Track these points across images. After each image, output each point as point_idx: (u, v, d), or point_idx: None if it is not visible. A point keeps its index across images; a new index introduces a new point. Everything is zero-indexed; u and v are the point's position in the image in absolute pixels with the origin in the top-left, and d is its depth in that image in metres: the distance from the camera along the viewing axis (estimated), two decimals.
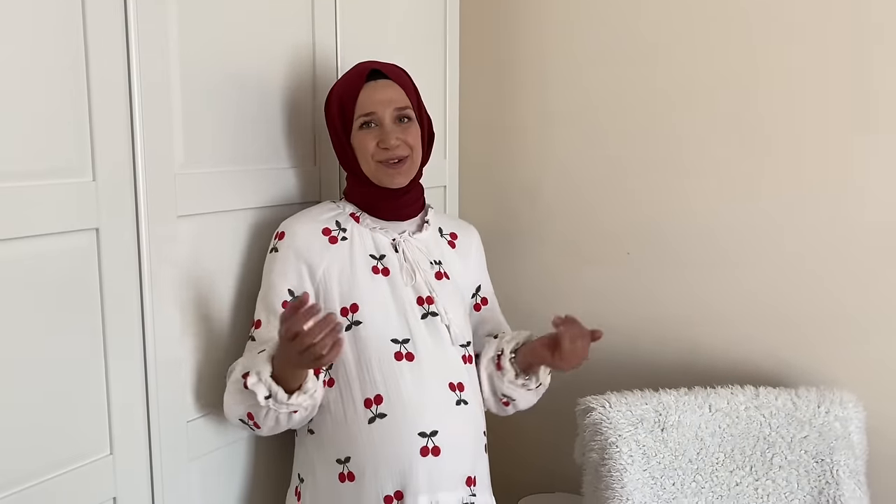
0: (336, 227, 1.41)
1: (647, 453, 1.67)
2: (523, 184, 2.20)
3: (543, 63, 2.13)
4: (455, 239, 1.54)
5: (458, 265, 1.52)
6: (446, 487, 1.35)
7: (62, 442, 1.15)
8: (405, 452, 1.33)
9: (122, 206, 1.20)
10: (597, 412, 1.69)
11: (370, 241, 1.42)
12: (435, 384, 1.37)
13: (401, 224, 1.45)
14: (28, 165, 1.07)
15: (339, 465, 1.35)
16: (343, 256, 1.38)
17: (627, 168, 2.06)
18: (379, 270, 1.40)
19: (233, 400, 1.29)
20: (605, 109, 2.07)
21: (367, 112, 1.39)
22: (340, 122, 1.41)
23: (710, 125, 1.95)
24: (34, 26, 1.06)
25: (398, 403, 1.33)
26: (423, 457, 1.33)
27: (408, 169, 1.41)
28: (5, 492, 1.07)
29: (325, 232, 1.39)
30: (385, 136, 1.38)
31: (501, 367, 1.48)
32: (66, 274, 1.13)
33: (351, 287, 1.37)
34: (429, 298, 1.41)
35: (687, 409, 1.70)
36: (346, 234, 1.40)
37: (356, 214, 1.43)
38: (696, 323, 2.01)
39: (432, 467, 1.34)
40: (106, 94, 1.16)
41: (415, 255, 1.44)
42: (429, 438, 1.34)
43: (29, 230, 1.07)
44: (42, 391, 1.12)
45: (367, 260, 1.40)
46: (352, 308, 1.36)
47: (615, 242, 2.09)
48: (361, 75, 1.40)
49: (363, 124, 1.39)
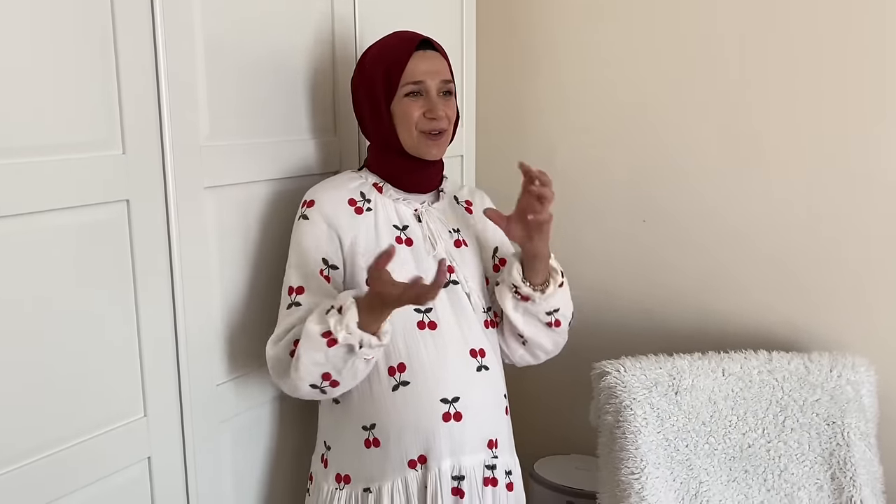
0: (361, 198, 1.42)
1: (661, 416, 1.71)
2: (539, 152, 2.21)
3: (560, 31, 2.13)
4: (471, 205, 1.56)
5: (478, 228, 1.54)
6: (469, 451, 1.38)
7: (99, 404, 1.20)
8: (428, 418, 1.36)
9: (151, 177, 1.24)
10: (612, 376, 1.73)
11: (393, 212, 1.43)
12: (456, 351, 1.39)
13: (421, 196, 1.48)
14: (62, 139, 1.11)
15: (365, 431, 1.38)
16: (368, 227, 1.40)
17: (642, 136, 2.07)
18: (402, 241, 1.41)
19: (312, 363, 1.26)
20: (622, 76, 2.07)
21: (417, 80, 1.38)
22: (384, 87, 1.39)
23: (727, 91, 1.95)
24: (63, 7, 1.09)
25: (420, 371, 1.36)
26: (446, 422, 1.36)
27: (444, 142, 1.43)
28: (44, 452, 1.13)
29: (350, 202, 1.41)
30: (433, 106, 1.38)
31: (527, 296, 1.43)
32: (99, 244, 1.18)
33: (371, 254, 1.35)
34: (449, 267, 1.43)
35: (700, 373, 1.74)
36: (370, 205, 1.42)
37: (379, 185, 1.44)
38: (709, 289, 2.04)
39: (455, 432, 1.37)
40: (134, 71, 1.19)
41: (436, 224, 1.45)
42: (451, 404, 1.37)
43: (63, 202, 1.11)
44: (78, 356, 1.17)
45: (390, 230, 1.41)
46: None
47: (630, 210, 2.11)
48: (411, 42, 1.40)
49: (410, 93, 1.38)
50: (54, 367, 1.14)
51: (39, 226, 1.09)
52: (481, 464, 1.40)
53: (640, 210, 2.10)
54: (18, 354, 1.09)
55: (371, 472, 1.38)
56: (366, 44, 1.66)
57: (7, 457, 1.08)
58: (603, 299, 2.18)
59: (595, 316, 2.18)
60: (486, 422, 1.42)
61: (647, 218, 2.09)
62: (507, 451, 1.47)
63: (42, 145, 1.08)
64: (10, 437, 1.09)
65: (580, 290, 2.19)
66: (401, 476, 1.37)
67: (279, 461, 1.58)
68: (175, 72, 1.25)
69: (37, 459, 1.12)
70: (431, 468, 1.36)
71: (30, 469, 1.11)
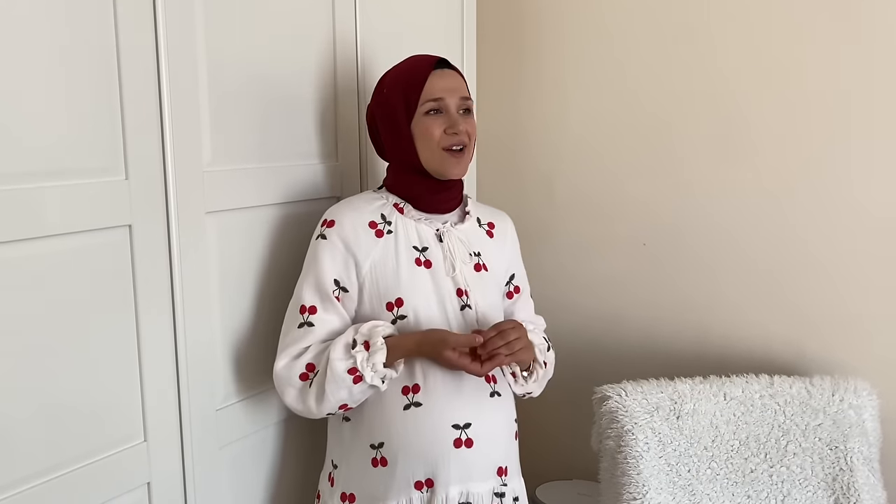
0: (381, 220, 1.40)
1: (663, 440, 1.70)
2: (540, 174, 2.22)
3: (562, 53, 2.15)
4: (493, 228, 1.52)
5: (496, 253, 1.51)
6: (478, 478, 1.37)
7: (98, 429, 1.20)
8: (438, 443, 1.34)
9: (154, 203, 1.25)
10: (613, 400, 1.72)
11: (414, 233, 1.41)
12: (469, 378, 1.36)
13: (443, 216, 1.45)
14: (65, 165, 1.12)
15: (373, 449, 1.37)
16: (388, 251, 1.38)
17: (643, 159, 2.08)
18: (422, 263, 1.39)
19: (335, 399, 1.30)
20: (622, 100, 2.09)
21: (436, 97, 1.37)
22: (403, 107, 1.39)
23: (726, 118, 1.97)
24: (69, 35, 1.11)
25: (434, 394, 1.35)
26: (457, 448, 1.35)
27: (466, 159, 1.42)
28: (45, 477, 1.13)
29: (371, 225, 1.39)
30: (454, 121, 1.37)
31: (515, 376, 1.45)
32: (101, 269, 1.18)
33: (396, 282, 1.37)
34: (465, 292, 1.41)
35: (702, 397, 1.73)
36: (391, 227, 1.40)
37: (400, 205, 1.42)
38: (710, 312, 2.04)
39: (465, 459, 1.35)
40: (137, 97, 1.20)
41: (456, 246, 1.43)
42: (462, 430, 1.35)
43: (66, 227, 1.12)
44: (78, 380, 1.17)
45: (410, 252, 1.39)
46: (397, 303, 1.37)
47: (631, 233, 2.12)
48: (428, 63, 1.40)
49: (430, 110, 1.38)
50: (54, 391, 1.14)
51: (42, 251, 1.10)
52: (490, 491, 1.39)
53: (641, 234, 2.11)
54: (19, 378, 1.09)
55: (376, 492, 1.37)
56: (368, 66, 1.68)
57: (7, 482, 1.08)
58: (604, 324, 2.18)
59: (596, 340, 2.18)
60: (497, 449, 1.41)
61: (647, 242, 2.10)
62: (516, 477, 1.46)
63: (46, 171, 1.09)
64: (9, 461, 1.08)
65: (581, 315, 2.20)
66: (406, 497, 1.36)
67: (282, 485, 1.57)
68: (178, 98, 1.26)
69: (37, 484, 1.12)
70: (438, 493, 1.35)
71: (29, 494, 1.10)
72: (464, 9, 2.03)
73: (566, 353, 2.21)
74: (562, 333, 2.21)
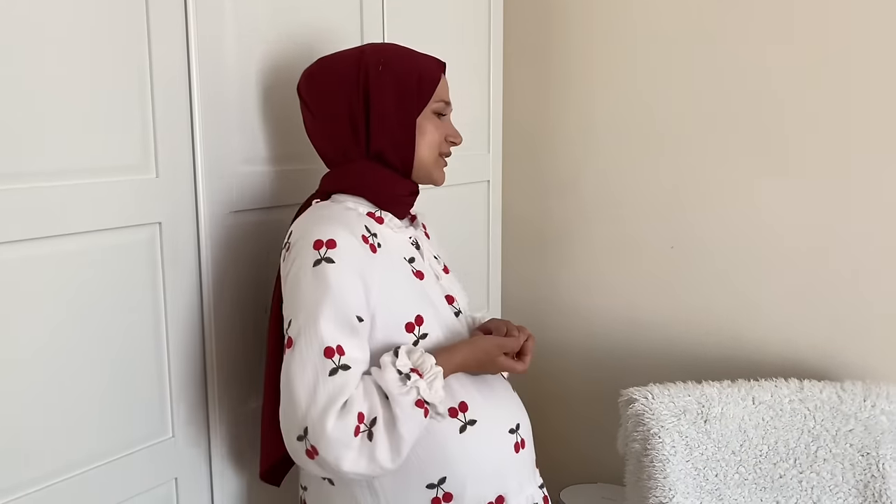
0: (368, 233, 1.19)
1: (690, 444, 1.69)
2: (566, 175, 2.22)
3: (587, 57, 2.15)
4: (426, 228, 1.41)
5: (441, 252, 1.41)
6: (528, 479, 1.30)
7: (127, 424, 1.21)
8: (502, 454, 1.24)
9: (183, 201, 1.26)
10: (639, 403, 1.71)
11: (398, 244, 1.25)
12: (495, 378, 1.30)
13: (406, 222, 1.32)
14: (99, 163, 1.14)
15: (432, 489, 1.18)
16: (387, 267, 1.19)
17: (670, 160, 2.06)
18: (416, 274, 1.25)
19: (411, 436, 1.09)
20: (649, 101, 2.08)
21: (446, 101, 1.29)
22: (416, 96, 1.24)
23: (756, 119, 1.95)
24: (102, 34, 1.12)
25: (483, 406, 1.23)
26: (517, 453, 1.26)
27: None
28: (73, 471, 1.15)
29: (363, 240, 1.17)
30: (454, 131, 1.30)
31: None
32: (131, 265, 1.20)
33: (408, 299, 1.21)
34: (451, 297, 1.31)
35: (730, 401, 1.71)
36: (379, 240, 1.20)
37: (375, 214, 1.24)
38: (739, 315, 2.02)
39: (523, 462, 1.28)
40: (168, 97, 1.22)
41: (427, 251, 1.33)
42: (516, 433, 1.27)
43: (99, 224, 1.14)
44: (108, 375, 1.18)
45: (404, 265, 1.23)
46: (417, 321, 1.20)
47: (658, 236, 2.10)
48: (438, 64, 1.29)
49: (438, 112, 1.27)
50: (84, 385, 1.15)
51: (73, 247, 1.11)
52: (538, 488, 1.33)
53: (668, 236, 2.09)
54: (49, 373, 1.10)
55: None
56: None
57: (36, 476, 1.10)
58: (630, 326, 2.16)
59: (622, 342, 2.17)
60: (531, 442, 1.34)
61: (675, 244, 2.08)
62: None
63: (79, 168, 1.11)
64: (39, 455, 1.10)
65: (606, 317, 2.19)
66: None
67: None
68: (208, 98, 1.28)
69: (65, 479, 1.13)
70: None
71: (58, 488, 1.12)
72: (490, 9, 2.03)
73: (590, 356, 2.20)
74: (586, 335, 2.20)
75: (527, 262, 2.28)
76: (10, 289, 1.05)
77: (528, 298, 2.28)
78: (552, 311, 1.83)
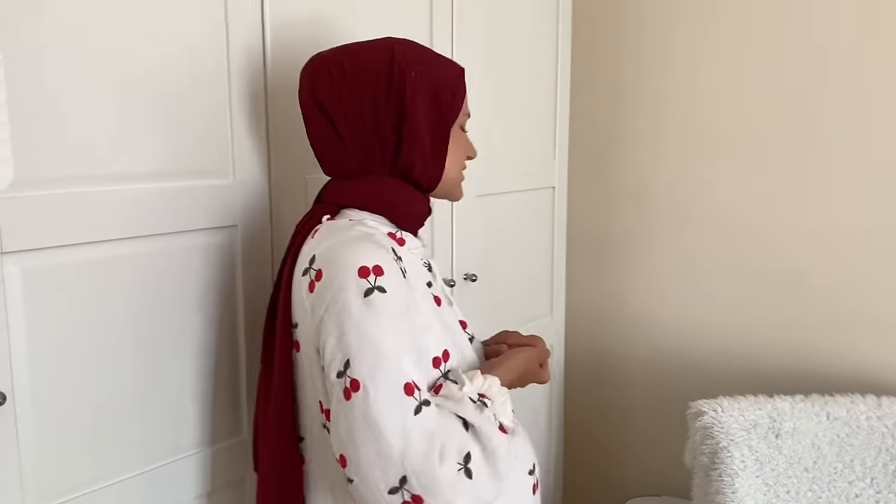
0: (396, 257, 1.03)
1: (761, 459, 1.64)
2: (632, 186, 2.19)
3: (658, 61, 2.12)
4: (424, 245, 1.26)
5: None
6: None
7: (201, 424, 1.25)
8: (523, 494, 1.12)
9: (257, 205, 1.29)
10: (708, 416, 1.68)
11: (417, 269, 1.10)
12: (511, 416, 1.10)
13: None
14: (186, 167, 1.18)
15: None
16: (412, 294, 1.03)
17: (739, 170, 2.02)
18: (435, 300, 1.11)
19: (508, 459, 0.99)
20: (719, 111, 2.04)
21: (469, 113, 1.18)
22: (450, 109, 1.11)
23: (829, 127, 1.89)
24: (186, 46, 1.16)
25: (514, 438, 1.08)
26: (533, 495, 1.14)
27: None
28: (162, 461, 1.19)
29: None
30: (472, 147, 1.19)
31: None
32: (209, 267, 1.23)
33: (434, 331, 1.05)
34: (463, 322, 1.18)
35: (803, 416, 1.67)
36: (403, 265, 1.04)
37: (397, 235, 1.11)
38: (812, 327, 1.96)
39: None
40: (244, 103, 1.25)
41: (440, 274, 1.21)
42: (534, 474, 1.15)
43: (182, 226, 1.18)
44: (187, 374, 1.22)
45: (426, 291, 1.09)
46: (444, 356, 1.04)
47: (726, 246, 2.06)
48: (462, 70, 1.15)
49: (462, 126, 1.17)
50: (164, 382, 1.19)
51: (155, 247, 1.15)
52: None
53: (739, 245, 2.04)
54: (131, 369, 1.14)
55: None
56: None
57: (109, 472, 1.14)
58: (697, 337, 2.12)
59: (690, 354, 2.13)
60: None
61: (745, 253, 2.04)
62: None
63: (168, 172, 1.15)
64: (132, 445, 1.14)
65: (673, 327, 2.15)
66: None
67: None
68: (282, 106, 1.30)
69: (161, 465, 1.17)
70: None
71: (128, 483, 1.16)
72: (559, 10, 2.02)
73: (657, 367, 2.16)
74: (652, 345, 2.17)
75: (592, 270, 2.26)
76: (96, 287, 1.09)
77: (593, 307, 2.26)
78: (617, 320, 1.81)
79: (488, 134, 1.79)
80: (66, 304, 1.05)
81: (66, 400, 1.07)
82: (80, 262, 1.06)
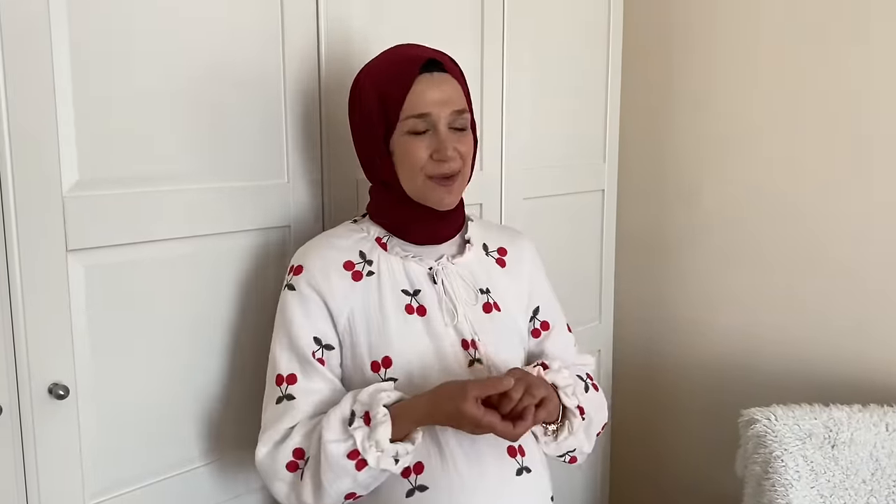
0: (360, 259, 1.12)
1: (816, 470, 1.60)
2: (682, 189, 2.16)
3: (709, 62, 2.09)
4: (504, 255, 1.22)
5: (512, 287, 1.21)
6: None
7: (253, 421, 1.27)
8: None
9: (310, 206, 1.31)
10: (761, 424, 1.64)
11: (402, 274, 1.13)
12: (490, 452, 1.09)
13: (438, 248, 1.17)
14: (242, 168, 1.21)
15: None
16: (370, 297, 1.10)
17: (793, 171, 1.98)
18: (413, 310, 1.11)
19: (337, 493, 1.02)
20: (772, 110, 2.00)
21: (421, 113, 1.08)
22: (380, 119, 1.10)
23: (888, 126, 1.84)
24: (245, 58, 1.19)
25: (443, 475, 1.07)
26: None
27: (458, 187, 1.13)
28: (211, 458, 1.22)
29: (347, 266, 1.11)
30: (441, 145, 1.09)
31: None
32: (262, 268, 1.26)
33: (381, 336, 1.09)
34: (473, 342, 1.13)
35: (861, 426, 1.62)
36: (372, 268, 1.12)
37: (383, 240, 1.15)
38: (870, 335, 1.90)
39: None
40: (298, 109, 1.28)
41: (456, 285, 1.15)
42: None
43: (238, 226, 1.21)
44: (239, 369, 1.25)
45: (398, 298, 1.11)
46: (384, 362, 1.08)
47: (780, 249, 2.01)
48: (414, 63, 1.09)
49: (413, 130, 1.09)
50: (217, 375, 1.22)
51: (211, 247, 1.18)
52: None
53: (794, 248, 2.00)
54: (186, 368, 1.17)
55: None
56: (511, 77, 1.67)
57: (170, 463, 1.17)
58: (750, 343, 2.08)
59: (743, 361, 2.08)
60: None
61: (801, 256, 1.99)
62: None
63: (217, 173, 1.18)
64: (187, 438, 1.17)
65: (723, 332, 2.11)
66: None
67: None
68: (334, 112, 1.32)
69: (208, 463, 1.19)
70: None
71: (189, 476, 1.18)
72: (610, 17, 2.01)
73: (708, 372, 2.13)
74: (703, 351, 2.14)
75: (641, 274, 2.23)
76: (154, 285, 1.12)
77: (643, 312, 2.23)
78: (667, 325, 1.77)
79: (538, 138, 1.79)
80: (125, 302, 1.09)
81: (125, 394, 1.10)
82: (139, 260, 1.10)
